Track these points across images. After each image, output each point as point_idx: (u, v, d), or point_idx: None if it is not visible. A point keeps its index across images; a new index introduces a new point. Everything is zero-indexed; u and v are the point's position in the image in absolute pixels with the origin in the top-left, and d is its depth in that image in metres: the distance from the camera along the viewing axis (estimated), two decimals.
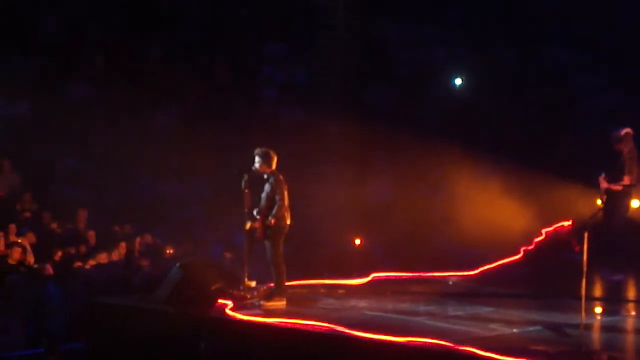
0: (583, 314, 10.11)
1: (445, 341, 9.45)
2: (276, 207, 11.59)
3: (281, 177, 11.72)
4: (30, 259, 13.65)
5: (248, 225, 11.73)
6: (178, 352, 10.84)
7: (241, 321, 10.85)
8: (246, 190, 11.74)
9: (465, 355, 9.13)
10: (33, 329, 12.76)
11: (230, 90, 19.17)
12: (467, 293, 12.82)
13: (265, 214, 11.66)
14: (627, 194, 12.93)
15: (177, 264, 11.64)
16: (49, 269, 13.42)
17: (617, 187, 12.88)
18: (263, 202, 11.73)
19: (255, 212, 11.71)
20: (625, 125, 13.18)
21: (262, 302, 11.63)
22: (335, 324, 10.30)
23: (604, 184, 12.91)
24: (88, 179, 16.77)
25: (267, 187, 11.72)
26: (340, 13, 19.24)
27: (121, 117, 17.51)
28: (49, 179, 16.47)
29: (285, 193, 11.68)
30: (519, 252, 14.67)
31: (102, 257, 13.95)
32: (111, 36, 18.57)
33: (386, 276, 13.59)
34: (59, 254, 14.11)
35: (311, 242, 15.60)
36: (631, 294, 12.92)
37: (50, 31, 18.54)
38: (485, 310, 11.50)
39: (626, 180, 12.81)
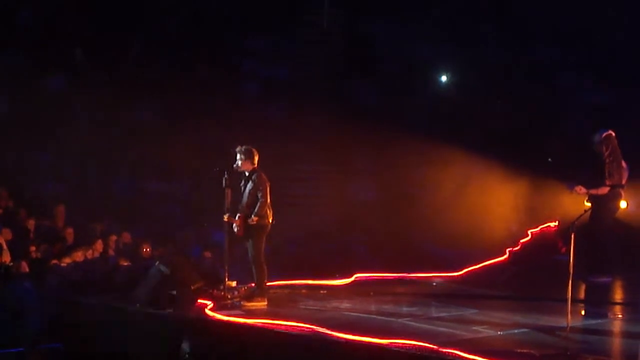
0: (569, 316, 10.08)
1: (429, 343, 9.41)
2: (259, 205, 11.47)
3: (264, 174, 11.57)
4: (7, 257, 13.43)
5: (226, 217, 11.55)
6: (157, 352, 10.73)
7: (221, 321, 10.79)
8: (227, 190, 11.60)
9: (448, 357, 9.08)
10: (10, 328, 12.55)
11: (211, 85, 18.96)
12: (451, 294, 12.78)
13: (246, 212, 11.53)
14: (615, 195, 12.84)
15: (157, 263, 11.53)
16: (25, 267, 13.22)
17: (598, 192, 12.76)
18: (245, 200, 11.58)
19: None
20: (613, 126, 13.11)
21: (242, 303, 11.58)
22: (316, 325, 10.26)
23: (582, 190, 12.82)
24: (66, 175, 16.59)
25: (249, 184, 11.59)
26: (325, 8, 19.09)
27: (100, 111, 17.30)
28: (26, 174, 16.24)
29: (268, 191, 11.53)
30: (504, 253, 14.62)
31: (78, 255, 13.77)
32: (89, 29, 18.31)
33: (369, 277, 13.50)
34: (35, 251, 13.90)
35: (293, 241, 15.46)
36: (618, 296, 12.88)
37: (26, 23, 18.27)
38: (469, 312, 11.50)
39: (607, 183, 12.73)
